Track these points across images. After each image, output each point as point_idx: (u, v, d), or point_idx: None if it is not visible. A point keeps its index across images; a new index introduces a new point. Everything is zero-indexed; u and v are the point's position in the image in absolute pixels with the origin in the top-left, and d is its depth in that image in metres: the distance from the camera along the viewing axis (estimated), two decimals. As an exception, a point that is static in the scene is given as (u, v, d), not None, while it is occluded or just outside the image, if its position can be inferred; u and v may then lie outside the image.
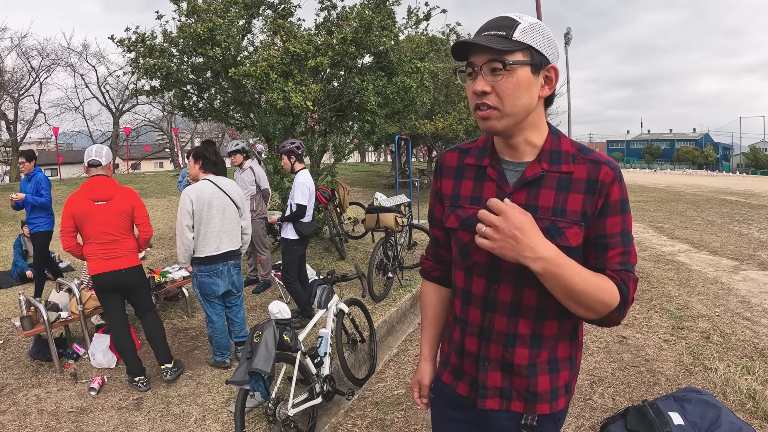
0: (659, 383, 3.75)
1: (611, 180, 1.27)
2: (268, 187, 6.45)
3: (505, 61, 1.19)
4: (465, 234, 1.39)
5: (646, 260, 7.71)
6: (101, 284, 3.93)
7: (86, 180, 3.96)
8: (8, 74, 24.11)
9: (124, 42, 6.83)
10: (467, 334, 1.44)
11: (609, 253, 1.28)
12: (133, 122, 31.46)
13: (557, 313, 1.33)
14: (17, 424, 3.53)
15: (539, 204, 1.29)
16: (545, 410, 1.38)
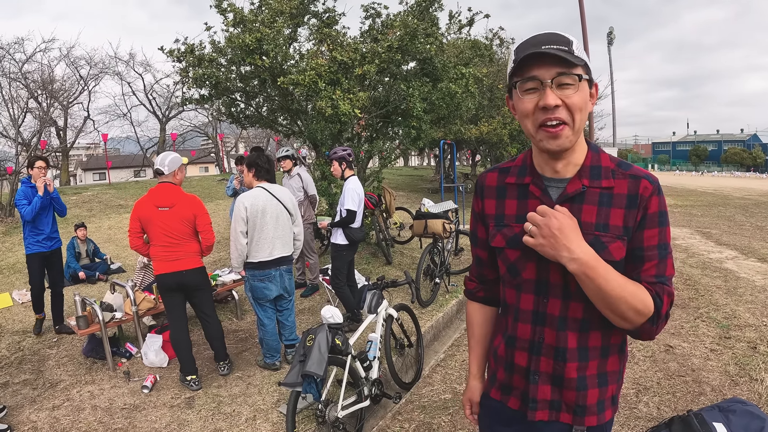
0: (704, 393, 3.70)
1: (650, 193, 1.29)
2: (315, 193, 6.58)
3: (580, 74, 1.20)
4: (513, 252, 1.41)
5: (693, 267, 7.52)
6: (164, 284, 4.13)
7: (153, 186, 4.20)
8: (58, 83, 25.10)
9: (173, 52, 7.08)
10: (517, 349, 1.45)
11: (645, 264, 1.29)
12: (179, 128, 32.34)
13: (603, 325, 1.34)
14: (71, 419, 3.72)
15: (582, 219, 1.30)
16: (593, 422, 1.40)
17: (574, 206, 1.31)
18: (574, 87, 1.21)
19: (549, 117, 1.21)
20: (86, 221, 11.08)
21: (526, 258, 1.38)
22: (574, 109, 1.21)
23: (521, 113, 1.28)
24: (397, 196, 14.29)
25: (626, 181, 1.31)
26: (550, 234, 1.23)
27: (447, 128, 10.73)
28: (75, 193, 14.95)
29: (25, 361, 4.80)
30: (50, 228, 5.32)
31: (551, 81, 1.20)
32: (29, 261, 5.27)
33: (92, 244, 7.94)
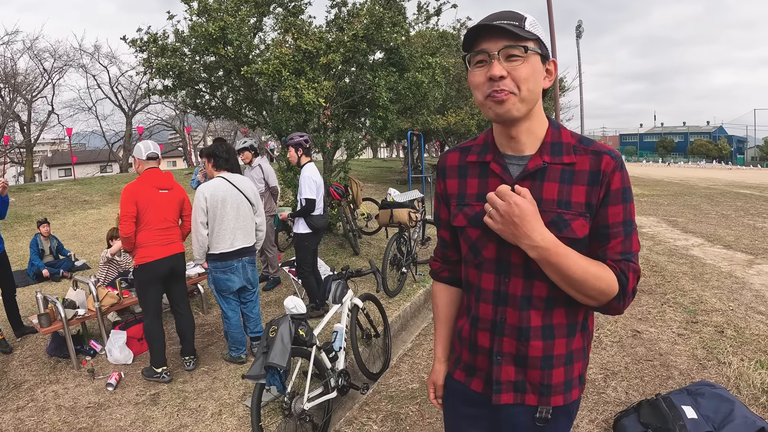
0: (673, 377, 3.74)
1: (612, 169, 1.28)
2: (276, 184, 6.49)
3: (527, 46, 1.21)
4: (474, 231, 1.41)
5: (660, 254, 7.66)
6: (156, 271, 4.06)
7: (145, 171, 4.12)
8: (21, 76, 24.36)
9: (136, 42, 6.88)
10: (479, 329, 1.44)
11: (611, 242, 1.30)
12: (146, 121, 31.70)
13: (567, 302, 1.34)
14: (35, 420, 3.60)
15: (543, 197, 1.30)
16: (559, 402, 1.39)
17: (535, 183, 1.31)
18: (521, 59, 1.22)
19: (495, 87, 1.23)
20: (50, 218, 10.76)
21: (486, 237, 1.37)
22: (520, 80, 1.22)
23: (473, 85, 1.30)
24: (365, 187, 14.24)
25: (588, 157, 1.31)
26: (510, 221, 1.24)
27: (414, 118, 10.73)
28: (39, 189, 14.50)
29: (-14, 362, 4.61)
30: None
31: (498, 53, 1.22)
32: None
33: (56, 240, 7.69)
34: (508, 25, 1.20)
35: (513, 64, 1.22)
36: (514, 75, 1.22)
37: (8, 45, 25.18)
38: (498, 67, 1.22)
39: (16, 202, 12.00)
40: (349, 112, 8.09)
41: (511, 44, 1.21)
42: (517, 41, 1.21)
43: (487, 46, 1.23)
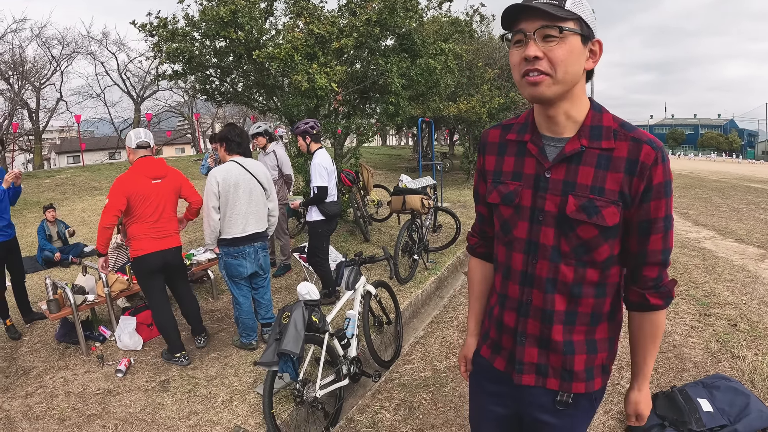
0: (687, 370, 3.69)
1: (653, 161, 1.25)
2: (291, 172, 6.43)
3: (562, 27, 1.18)
4: (506, 209, 1.42)
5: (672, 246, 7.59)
6: (149, 264, 4.00)
7: (137, 161, 4.03)
8: (29, 64, 24.44)
9: (145, 27, 6.81)
10: (506, 308, 1.46)
11: (652, 236, 1.30)
12: (155, 108, 31.72)
13: (593, 291, 1.35)
14: (44, 406, 3.58)
15: (578, 181, 1.29)
16: (581, 389, 1.40)
17: (570, 167, 1.30)
18: (557, 40, 1.19)
19: (529, 68, 1.22)
20: (60, 204, 10.83)
21: (518, 216, 1.38)
22: (556, 61, 1.20)
23: (512, 64, 1.29)
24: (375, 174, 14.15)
25: (627, 143, 1.27)
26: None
27: (425, 105, 10.67)
28: (48, 176, 14.55)
29: (-4, 348, 4.61)
30: (9, 214, 4.84)
31: (534, 33, 1.20)
32: None
33: (62, 225, 7.69)
34: (546, 5, 1.18)
35: (549, 45, 1.20)
36: (550, 56, 1.20)
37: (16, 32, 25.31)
38: (533, 47, 1.20)
39: (25, 189, 11.99)
40: (360, 98, 8.01)
41: (547, 24, 1.19)
42: (554, 21, 1.18)
43: (524, 26, 1.22)
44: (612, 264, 1.35)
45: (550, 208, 1.33)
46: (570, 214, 1.30)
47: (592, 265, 1.33)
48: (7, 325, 4.82)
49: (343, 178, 7.26)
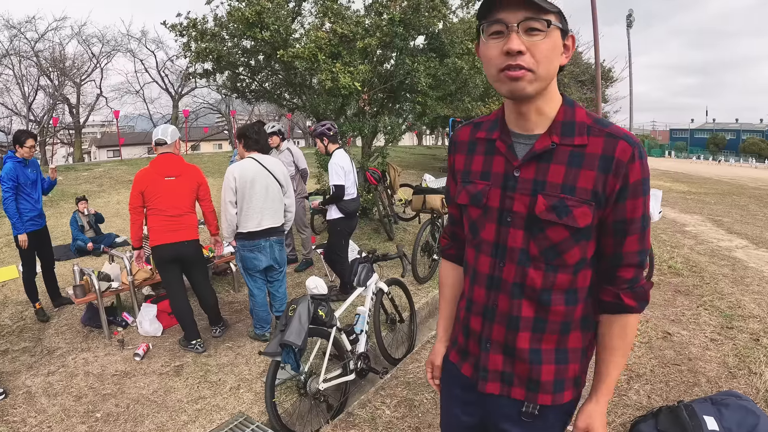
0: (699, 384, 3.57)
1: (629, 158, 1.18)
2: (306, 167, 6.55)
3: (549, 20, 1.11)
4: (474, 210, 1.36)
5: (701, 254, 7.37)
6: (162, 255, 4.17)
7: (155, 158, 4.21)
8: (70, 61, 25.31)
9: (176, 27, 7.02)
10: (473, 313, 1.40)
11: (628, 237, 1.23)
12: (192, 105, 32.48)
13: (563, 297, 1.28)
14: (64, 384, 3.80)
15: (548, 180, 1.23)
16: (547, 401, 1.33)
17: (541, 165, 1.24)
18: (543, 33, 1.11)
19: (511, 63, 1.13)
20: (96, 196, 11.21)
21: (486, 217, 1.33)
22: (540, 56, 1.12)
23: (485, 58, 1.19)
24: (408, 173, 14.16)
25: (602, 139, 1.20)
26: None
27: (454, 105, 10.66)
28: (86, 169, 15.08)
29: (26, 329, 4.87)
30: (41, 204, 5.12)
31: (517, 25, 1.11)
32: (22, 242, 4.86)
33: (93, 216, 7.97)
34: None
35: (533, 38, 1.12)
36: (534, 51, 1.12)
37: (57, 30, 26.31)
38: (516, 40, 1.11)
39: (63, 181, 12.50)
40: (388, 98, 8.07)
41: (532, 16, 1.10)
42: (540, 13, 1.10)
43: (505, 16, 1.12)
44: (584, 267, 1.29)
45: (518, 208, 1.26)
46: (539, 215, 1.23)
47: (563, 269, 1.26)
48: (37, 309, 5.08)
49: (369, 176, 7.33)
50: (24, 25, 22.86)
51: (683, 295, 5.50)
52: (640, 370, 3.80)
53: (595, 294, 1.34)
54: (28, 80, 23.17)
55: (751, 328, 4.55)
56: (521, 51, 1.11)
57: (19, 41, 22.85)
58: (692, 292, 5.64)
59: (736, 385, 3.54)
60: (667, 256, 6.94)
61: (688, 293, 5.60)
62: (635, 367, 3.83)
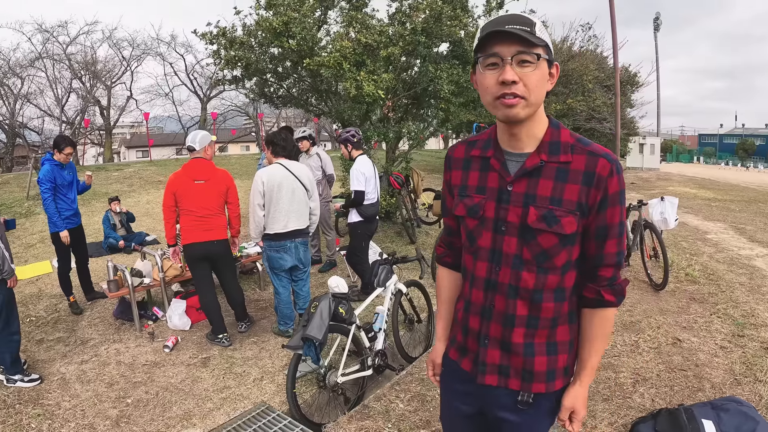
0: (703, 390, 3.64)
1: (609, 173, 1.35)
2: (333, 172, 6.77)
3: (539, 54, 1.28)
4: (471, 221, 1.51)
5: (720, 262, 7.36)
6: (192, 252, 4.44)
7: (187, 162, 4.50)
8: (101, 64, 25.97)
9: (205, 36, 7.33)
10: (471, 313, 1.55)
11: (608, 241, 1.41)
12: (220, 107, 32.98)
13: (553, 295, 1.44)
14: (96, 372, 4.10)
15: (538, 193, 1.39)
16: (541, 389, 1.49)
17: (531, 180, 1.40)
18: (533, 65, 1.29)
19: (506, 91, 1.29)
20: (126, 196, 11.61)
21: (482, 227, 1.48)
22: (531, 85, 1.29)
23: (482, 87, 1.36)
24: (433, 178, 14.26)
25: (584, 156, 1.37)
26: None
27: (478, 111, 10.77)
28: (117, 169, 15.57)
29: (60, 321, 5.20)
30: (76, 203, 5.48)
31: (511, 58, 1.28)
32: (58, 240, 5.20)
33: (124, 215, 8.31)
34: (522, 30, 1.26)
35: (525, 69, 1.28)
36: (526, 81, 1.28)
37: (88, 35, 27.03)
38: (511, 72, 1.27)
39: (94, 181, 12.89)
40: (412, 104, 8.24)
41: (524, 50, 1.27)
42: (531, 48, 1.27)
43: (500, 50, 1.28)
44: (570, 269, 1.45)
45: (512, 218, 1.42)
46: (531, 224, 1.39)
47: (552, 271, 1.42)
48: (71, 302, 5.44)
49: (392, 181, 7.53)
50: (56, 29, 23.63)
51: (698, 303, 5.55)
52: (646, 374, 3.89)
53: (578, 291, 1.50)
54: (61, 83, 23.86)
55: (762, 337, 4.57)
56: (515, 81, 1.28)
57: (51, 45, 23.60)
58: (707, 300, 5.68)
59: (740, 391, 3.58)
60: (685, 264, 6.95)
61: (703, 301, 5.64)
62: (642, 371, 3.91)
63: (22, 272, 6.82)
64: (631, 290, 5.73)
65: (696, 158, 48.27)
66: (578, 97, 14.66)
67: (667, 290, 5.72)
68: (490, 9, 8.09)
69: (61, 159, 5.18)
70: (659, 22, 35.13)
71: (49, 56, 23.20)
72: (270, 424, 3.26)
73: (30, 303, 5.75)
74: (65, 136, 5.80)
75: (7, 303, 3.83)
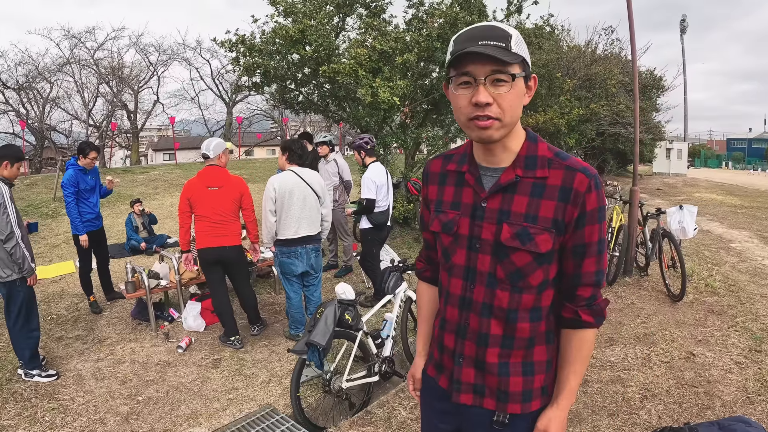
0: (713, 408, 3.52)
1: (586, 188, 1.28)
2: (350, 179, 6.82)
3: (514, 73, 1.22)
4: (446, 237, 1.46)
5: (742, 273, 7.19)
6: (206, 257, 4.55)
7: (202, 168, 4.62)
8: (128, 69, 26.52)
9: (225, 44, 7.48)
10: (446, 330, 1.50)
11: (586, 260, 1.34)
12: (246, 111, 33.48)
13: (528, 315, 1.38)
14: (111, 369, 4.25)
15: (512, 209, 1.33)
16: (516, 410, 1.42)
17: (506, 196, 1.34)
18: (508, 85, 1.22)
19: (479, 113, 1.23)
20: (150, 198, 11.88)
21: (457, 243, 1.43)
22: (506, 106, 1.23)
23: (455, 106, 1.31)
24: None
25: (561, 171, 1.31)
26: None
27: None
28: (143, 172, 15.92)
29: (80, 320, 5.37)
30: (98, 207, 5.65)
31: (484, 79, 1.21)
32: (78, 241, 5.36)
33: (146, 217, 8.50)
34: (495, 49, 1.19)
35: (499, 89, 1.22)
36: (500, 101, 1.22)
37: (115, 40, 27.60)
38: (484, 93, 1.21)
39: (120, 183, 13.25)
40: (431, 109, 8.27)
41: (498, 69, 1.20)
42: (505, 66, 1.20)
43: (473, 69, 1.21)
44: (546, 287, 1.38)
45: (486, 236, 1.36)
46: (505, 242, 1.32)
47: (528, 290, 1.36)
48: (91, 301, 5.62)
49: (410, 187, 7.56)
50: (84, 35, 24.25)
51: (716, 315, 5.42)
52: (655, 389, 3.79)
53: (556, 310, 1.44)
54: (88, 87, 24.38)
55: (780, 353, 4.46)
56: (489, 103, 1.22)
57: (79, 50, 24.21)
58: (726, 312, 5.54)
59: (752, 411, 3.45)
60: (705, 274, 6.80)
61: (722, 313, 5.50)
62: (651, 386, 3.81)
63: (47, 271, 7.05)
64: (648, 301, 5.64)
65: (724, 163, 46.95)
66: (602, 101, 14.38)
67: (685, 301, 5.60)
68: (509, 14, 8.09)
69: (85, 164, 5.37)
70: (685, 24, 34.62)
71: (77, 62, 23.78)
72: (273, 427, 3.32)
73: (52, 301, 5.95)
74: (89, 141, 6.00)
75: (27, 300, 3.99)
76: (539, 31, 9.26)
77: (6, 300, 3.95)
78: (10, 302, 3.92)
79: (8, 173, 3.94)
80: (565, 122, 14.30)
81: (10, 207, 3.79)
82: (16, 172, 4.01)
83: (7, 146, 4.21)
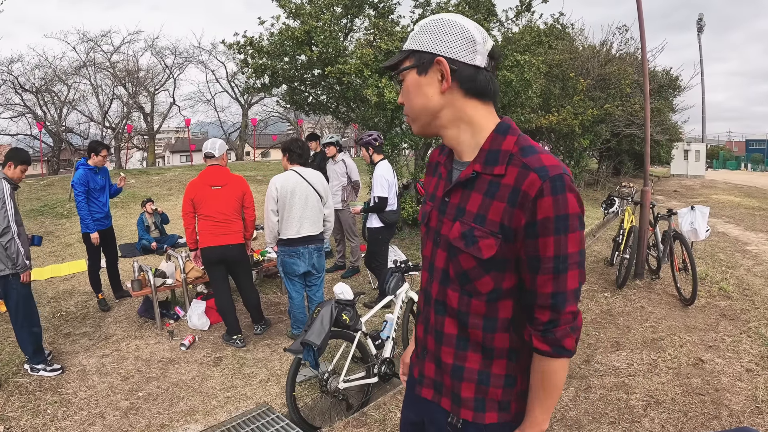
0: (719, 417, 3.40)
1: (537, 193, 1.13)
2: (358, 179, 6.82)
3: (399, 71, 1.32)
4: (422, 228, 1.47)
5: (758, 276, 7.03)
6: (209, 256, 4.58)
7: (204, 169, 4.67)
8: (143, 72, 26.63)
9: (232, 46, 7.54)
10: (419, 322, 1.49)
11: (539, 278, 1.19)
12: (261, 113, 33.54)
13: (481, 322, 1.29)
14: (115, 366, 4.32)
15: (467, 208, 1.26)
16: (468, 417, 1.34)
17: (465, 192, 1.28)
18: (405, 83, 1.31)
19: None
20: (164, 199, 12.01)
21: (427, 236, 1.42)
22: (408, 102, 1.32)
23: None
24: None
25: (517, 170, 1.17)
26: None
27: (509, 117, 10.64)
28: (158, 173, 16.12)
29: (88, 317, 5.45)
30: (108, 206, 5.74)
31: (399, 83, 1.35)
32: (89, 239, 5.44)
33: (158, 217, 8.59)
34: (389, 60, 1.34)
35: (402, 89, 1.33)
36: (405, 99, 1.33)
37: (131, 44, 27.90)
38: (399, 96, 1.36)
39: (135, 184, 13.48)
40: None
41: (393, 74, 1.34)
42: (396, 68, 1.32)
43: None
44: (501, 298, 1.27)
45: (444, 231, 1.31)
46: (452, 241, 1.27)
47: (477, 296, 1.27)
48: (99, 299, 5.70)
49: (419, 188, 7.53)
50: (100, 38, 24.41)
51: (728, 320, 5.29)
52: (660, 397, 3.68)
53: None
54: (104, 90, 24.67)
55: (794, 360, 4.33)
56: (402, 103, 1.35)
57: (95, 54, 24.44)
58: (739, 317, 5.41)
59: (760, 421, 3.34)
60: (719, 277, 6.66)
61: (734, 318, 5.38)
62: (656, 394, 3.71)
63: (59, 270, 7.18)
64: (658, 305, 5.54)
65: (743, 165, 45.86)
66: (616, 102, 14.16)
67: (696, 305, 5.48)
68: (518, 12, 8.03)
69: (97, 162, 5.49)
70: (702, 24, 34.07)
71: (93, 64, 24.04)
72: (268, 425, 3.32)
73: (63, 299, 6.06)
74: (99, 140, 6.12)
75: (23, 297, 4.06)
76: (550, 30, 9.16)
77: (3, 296, 4.05)
78: (7, 298, 4.03)
79: (11, 174, 4.09)
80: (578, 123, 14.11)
81: (9, 203, 3.87)
82: (19, 174, 4.17)
83: (16, 149, 4.32)
